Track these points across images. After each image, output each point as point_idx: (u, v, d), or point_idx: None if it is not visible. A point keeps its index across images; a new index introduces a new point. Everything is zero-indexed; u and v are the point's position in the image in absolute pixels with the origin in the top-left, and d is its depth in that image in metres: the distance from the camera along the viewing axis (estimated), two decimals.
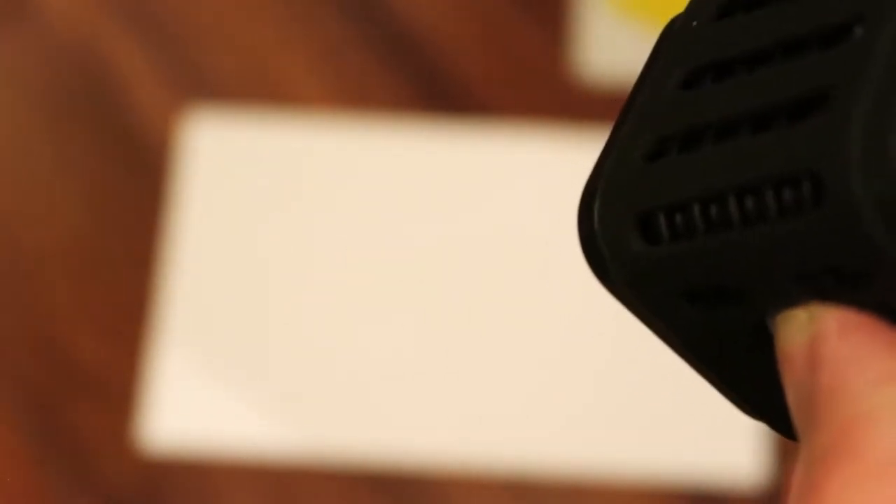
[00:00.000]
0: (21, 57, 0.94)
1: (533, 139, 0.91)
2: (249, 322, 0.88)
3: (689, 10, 0.27)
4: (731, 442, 0.85)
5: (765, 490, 0.84)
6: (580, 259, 0.89)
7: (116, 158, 0.92)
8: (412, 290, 0.88)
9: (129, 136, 0.92)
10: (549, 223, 0.89)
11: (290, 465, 0.85)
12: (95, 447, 0.86)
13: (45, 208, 0.90)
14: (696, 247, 0.25)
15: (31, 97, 0.93)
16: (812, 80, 0.23)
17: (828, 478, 0.22)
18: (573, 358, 0.87)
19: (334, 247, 0.89)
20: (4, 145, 0.92)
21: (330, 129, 0.92)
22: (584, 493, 0.84)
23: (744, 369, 0.27)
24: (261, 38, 0.94)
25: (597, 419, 0.86)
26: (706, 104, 0.25)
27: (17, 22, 0.94)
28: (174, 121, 0.92)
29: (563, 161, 0.91)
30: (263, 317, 0.88)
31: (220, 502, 0.85)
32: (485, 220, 0.90)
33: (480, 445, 0.85)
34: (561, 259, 0.89)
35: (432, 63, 0.93)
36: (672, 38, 0.27)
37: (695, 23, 0.26)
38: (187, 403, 0.86)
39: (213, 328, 0.88)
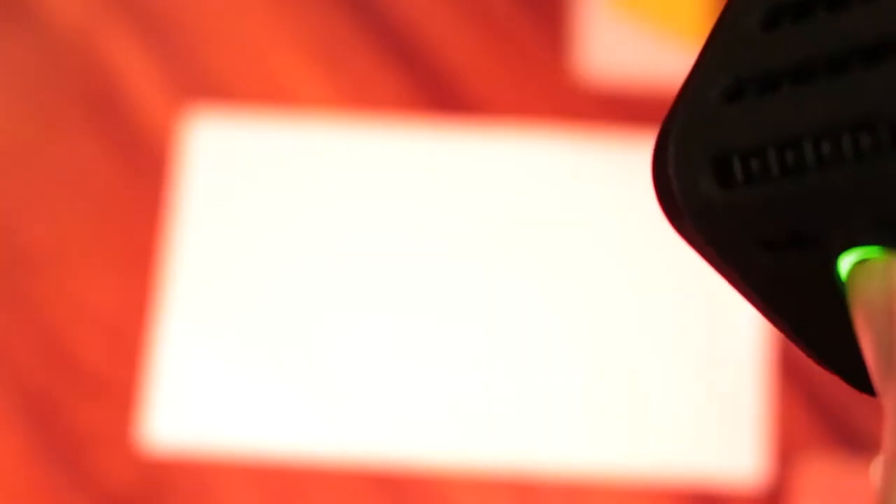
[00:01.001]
0: (22, 57, 0.94)
1: (533, 139, 0.91)
2: (250, 323, 0.88)
3: None
4: (732, 443, 0.85)
5: (765, 490, 0.84)
6: (580, 258, 0.89)
7: (118, 158, 0.92)
8: (413, 290, 0.88)
9: (130, 136, 0.92)
10: (551, 222, 0.89)
11: (290, 464, 0.85)
12: (96, 447, 0.85)
13: (45, 208, 0.90)
14: (770, 192, 0.25)
15: (32, 97, 0.93)
16: (887, 24, 0.23)
17: None
18: (574, 360, 0.87)
19: (335, 246, 0.89)
20: (5, 145, 0.92)
21: (331, 129, 0.92)
22: (585, 493, 0.84)
23: (817, 319, 0.26)
24: (262, 39, 0.94)
25: (598, 420, 0.86)
26: (784, 46, 0.25)
27: (18, 22, 0.94)
28: (175, 121, 0.92)
29: (563, 161, 0.91)
30: (264, 318, 0.88)
31: (219, 502, 0.85)
32: (486, 219, 0.90)
33: (481, 445, 0.85)
34: (562, 258, 0.89)
35: (433, 64, 0.93)
36: None
37: None
38: (188, 404, 0.86)
39: (214, 329, 0.88)
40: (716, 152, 0.25)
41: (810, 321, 0.27)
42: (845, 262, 0.25)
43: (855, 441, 0.85)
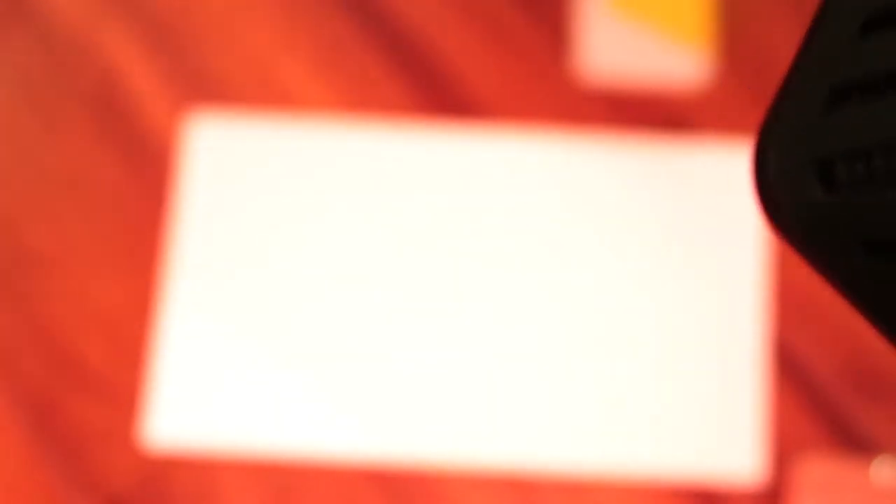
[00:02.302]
0: (23, 59, 0.94)
1: (534, 139, 0.91)
2: (251, 322, 0.88)
3: None
4: (732, 442, 0.85)
5: (764, 490, 0.84)
6: (581, 258, 0.89)
7: (120, 160, 0.92)
8: (413, 290, 0.88)
9: (132, 138, 0.92)
10: (551, 222, 0.89)
11: (292, 463, 0.85)
12: (97, 445, 0.86)
13: (46, 208, 0.91)
14: (875, 196, 0.24)
15: (34, 98, 0.93)
16: None
17: None
18: (575, 359, 0.87)
19: (336, 249, 0.89)
20: (6, 146, 0.92)
21: (332, 132, 0.92)
22: (585, 492, 0.84)
23: None
24: (263, 41, 0.94)
25: (597, 420, 0.86)
26: (888, 50, 0.25)
27: (20, 24, 0.94)
28: (177, 122, 0.92)
29: (564, 161, 0.91)
30: (265, 317, 0.88)
31: (221, 501, 0.85)
32: (487, 221, 0.90)
33: (481, 445, 0.86)
34: (563, 259, 0.89)
35: (433, 64, 0.94)
36: None
37: None
38: (189, 402, 0.86)
39: (216, 328, 0.88)
40: (819, 156, 0.25)
41: None
42: None
43: (855, 441, 0.85)
